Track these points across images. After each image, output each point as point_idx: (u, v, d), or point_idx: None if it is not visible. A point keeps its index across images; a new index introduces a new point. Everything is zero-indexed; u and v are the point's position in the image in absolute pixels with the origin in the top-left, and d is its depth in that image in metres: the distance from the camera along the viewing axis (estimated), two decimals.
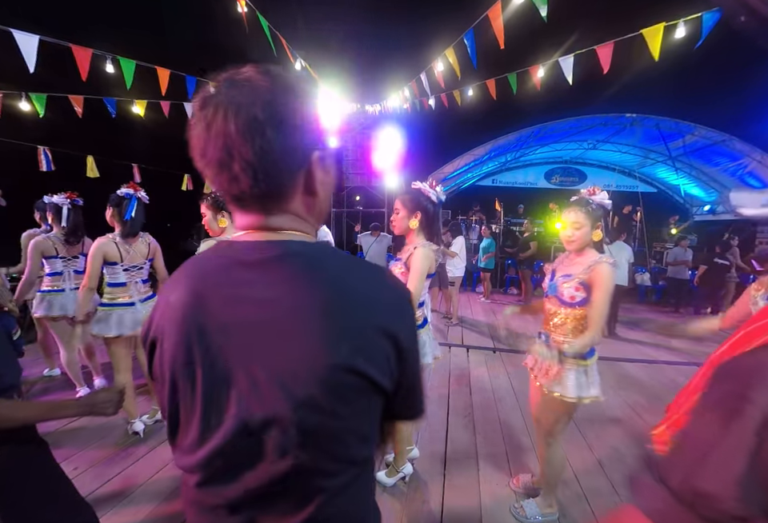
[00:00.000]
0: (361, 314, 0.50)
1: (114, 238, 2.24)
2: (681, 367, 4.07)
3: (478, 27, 3.31)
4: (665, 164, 10.42)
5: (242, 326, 0.49)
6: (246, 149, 0.46)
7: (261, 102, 0.46)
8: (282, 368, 0.48)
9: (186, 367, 0.51)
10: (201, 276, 0.54)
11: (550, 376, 1.62)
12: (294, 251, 0.52)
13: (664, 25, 3.16)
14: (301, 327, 0.48)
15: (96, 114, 4.39)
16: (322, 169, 0.53)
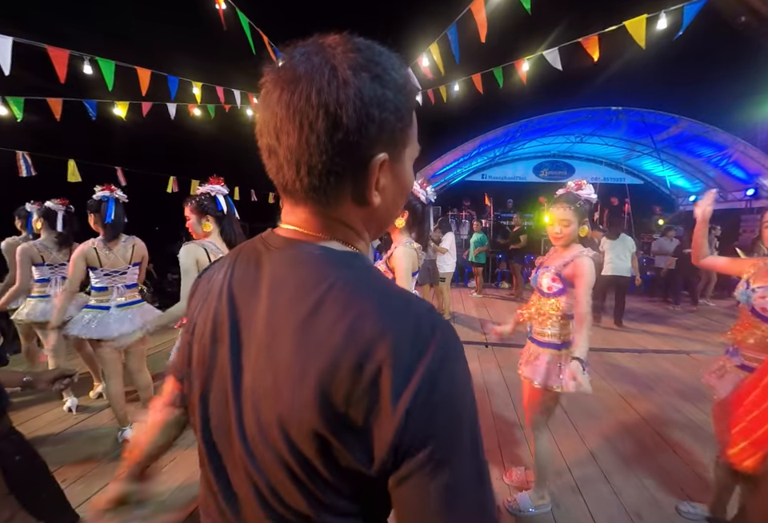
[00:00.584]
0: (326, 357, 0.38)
1: (94, 244, 2.21)
2: (669, 355, 4.14)
3: (461, 22, 3.30)
4: (650, 156, 10.54)
5: (244, 324, 0.46)
6: (293, 136, 0.39)
7: (322, 81, 0.38)
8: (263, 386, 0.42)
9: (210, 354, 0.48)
10: (232, 263, 0.51)
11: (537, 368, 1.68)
12: (307, 255, 0.45)
13: (646, 16, 3.18)
14: (275, 349, 0.41)
15: (76, 117, 4.29)
16: (388, 176, 0.44)
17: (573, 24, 7.16)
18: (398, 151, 0.44)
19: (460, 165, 10.95)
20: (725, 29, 6.60)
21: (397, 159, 0.44)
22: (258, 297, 0.45)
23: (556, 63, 3.63)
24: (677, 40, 3.33)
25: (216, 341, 0.48)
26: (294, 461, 0.39)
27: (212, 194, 1.94)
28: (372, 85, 0.38)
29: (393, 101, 0.40)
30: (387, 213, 0.49)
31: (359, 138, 0.39)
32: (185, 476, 2.07)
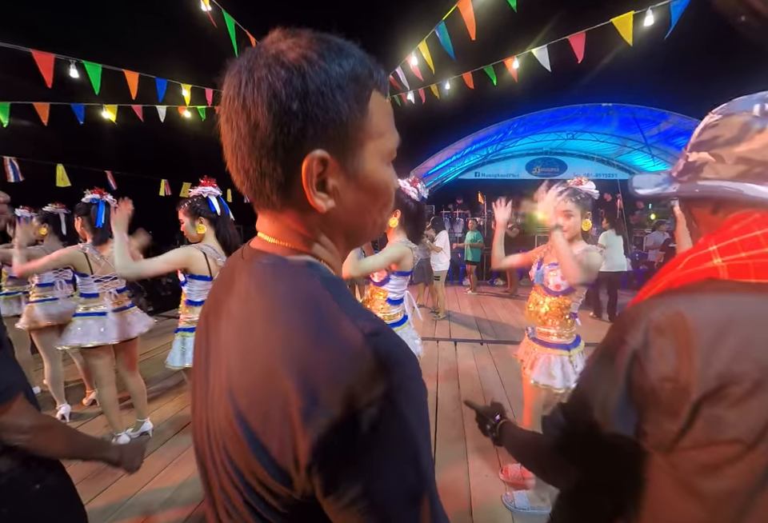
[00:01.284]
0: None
1: (84, 249, 2.18)
2: None
3: (450, 20, 3.30)
4: (641, 151, 10.63)
5: (216, 334, 0.46)
6: (228, 142, 0.39)
7: (240, 83, 0.37)
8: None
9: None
10: (221, 273, 0.52)
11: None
12: (258, 266, 0.43)
13: (633, 13, 3.20)
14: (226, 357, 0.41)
15: (64, 121, 4.25)
16: (340, 176, 0.39)
17: (561, 21, 7.20)
18: (348, 147, 0.39)
19: (453, 163, 10.98)
20: (713, 26, 6.66)
21: (348, 156, 0.39)
22: (226, 309, 0.44)
23: (545, 62, 3.65)
24: (664, 37, 3.36)
25: (198, 355, 0.49)
26: (236, 478, 0.39)
27: (204, 196, 1.92)
28: (291, 78, 0.35)
29: (319, 93, 0.35)
30: (352, 217, 0.43)
31: (281, 137, 0.36)
32: (186, 475, 2.07)
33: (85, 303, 2.26)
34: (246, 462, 0.37)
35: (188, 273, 1.85)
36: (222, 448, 0.39)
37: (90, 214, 2.20)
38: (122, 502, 1.90)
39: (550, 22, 5.12)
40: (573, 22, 3.65)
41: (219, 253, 1.94)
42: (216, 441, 0.40)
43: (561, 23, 4.18)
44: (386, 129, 0.43)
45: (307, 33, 0.39)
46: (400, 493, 0.34)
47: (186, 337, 1.90)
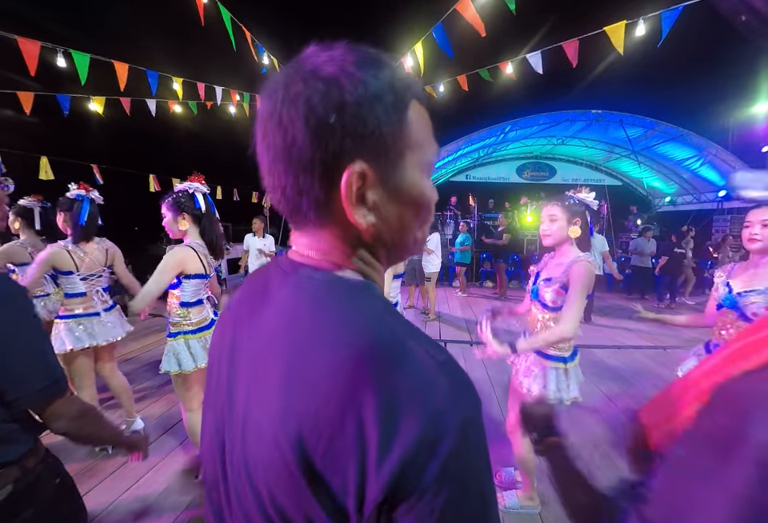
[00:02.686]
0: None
1: (67, 245, 2.10)
2: (646, 351, 4.27)
3: (447, 21, 3.32)
4: (628, 158, 10.85)
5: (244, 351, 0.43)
6: (265, 162, 0.39)
7: (276, 100, 0.37)
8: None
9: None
10: (245, 282, 0.51)
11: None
12: (309, 281, 0.41)
13: (625, 23, 3.27)
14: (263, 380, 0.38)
15: (49, 112, 4.12)
16: (379, 190, 0.38)
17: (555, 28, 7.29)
18: (388, 159, 0.38)
19: (445, 165, 11.03)
20: (702, 37, 6.86)
21: (388, 168, 0.38)
22: (263, 323, 0.41)
23: (538, 67, 3.70)
24: (654, 47, 3.43)
25: (217, 364, 0.47)
26: (275, 516, 0.35)
27: (190, 192, 1.85)
28: (328, 91, 0.35)
29: (357, 105, 0.35)
30: (394, 233, 0.42)
31: (319, 151, 0.35)
32: (171, 479, 2.01)
33: (70, 304, 2.16)
34: (297, 497, 0.33)
35: (183, 275, 1.78)
36: (252, 478, 0.36)
37: (73, 210, 2.11)
38: (104, 508, 1.84)
39: (544, 28, 5.20)
40: (566, 29, 3.71)
41: (206, 250, 1.89)
42: (243, 470, 0.37)
43: (554, 30, 4.25)
44: (425, 140, 0.42)
45: (342, 45, 0.39)
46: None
47: (189, 339, 1.83)
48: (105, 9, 7.89)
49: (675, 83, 12.34)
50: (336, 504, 0.32)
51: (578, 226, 1.60)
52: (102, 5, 7.91)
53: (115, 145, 8.93)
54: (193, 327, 1.85)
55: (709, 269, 7.32)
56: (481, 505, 0.32)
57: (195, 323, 1.86)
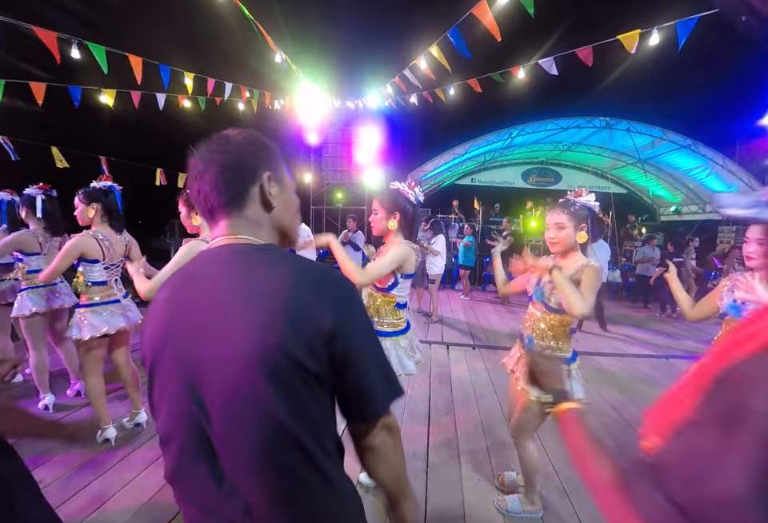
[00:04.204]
0: (278, 304, 0.55)
1: (96, 234, 2.12)
2: (649, 360, 4.26)
3: (462, 24, 3.33)
4: (634, 166, 10.85)
5: (196, 309, 0.60)
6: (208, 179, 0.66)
7: (213, 154, 0.67)
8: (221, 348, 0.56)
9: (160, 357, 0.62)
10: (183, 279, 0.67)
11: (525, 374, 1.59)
12: (239, 250, 0.64)
13: (639, 32, 3.27)
14: (234, 313, 0.57)
15: (61, 103, 4.13)
16: (273, 186, 0.68)
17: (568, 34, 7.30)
18: (273, 170, 0.69)
19: (450, 168, 11.03)
20: (716, 49, 6.86)
21: (275, 176, 0.69)
22: (207, 285, 0.61)
23: (552, 70, 3.71)
24: (665, 56, 3.44)
25: (161, 348, 0.64)
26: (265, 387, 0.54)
27: None
28: (235, 150, 0.67)
29: (250, 150, 0.68)
30: (283, 216, 0.72)
31: (244, 167, 0.67)
32: (134, 474, 2.01)
33: (97, 292, 2.19)
34: (290, 394, 0.54)
35: None
36: (244, 413, 0.55)
37: (105, 202, 2.17)
38: (101, 503, 1.84)
39: (557, 34, 5.21)
40: (580, 36, 3.71)
41: None
42: (236, 409, 0.55)
43: (568, 36, 4.26)
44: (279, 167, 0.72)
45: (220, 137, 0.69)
46: (376, 347, 0.64)
47: None
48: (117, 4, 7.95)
49: (685, 93, 12.34)
50: (311, 376, 0.55)
51: (584, 232, 1.62)
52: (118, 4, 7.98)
53: (122, 138, 8.95)
54: None
55: (712, 279, 7.30)
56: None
57: None
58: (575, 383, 1.66)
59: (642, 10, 3.44)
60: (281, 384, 0.53)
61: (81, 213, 2.15)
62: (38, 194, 2.58)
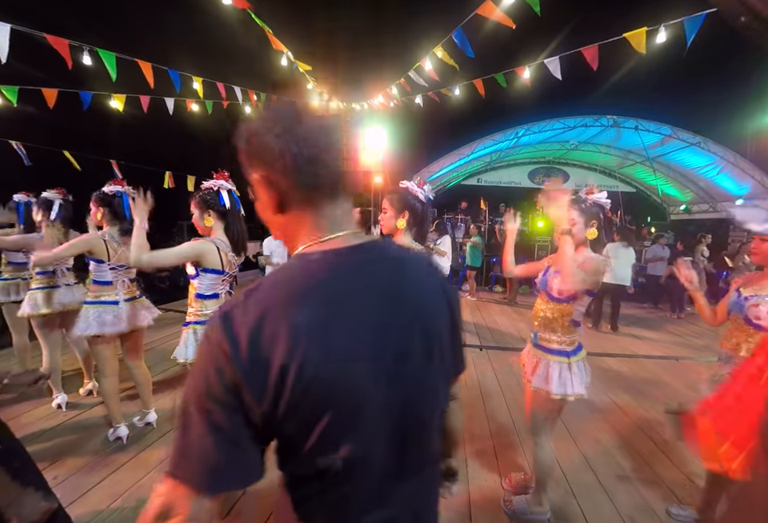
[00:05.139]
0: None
1: (104, 235, 2.18)
2: (658, 361, 4.20)
3: (467, 25, 3.33)
4: (643, 165, 10.71)
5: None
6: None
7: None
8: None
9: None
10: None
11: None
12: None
13: (646, 29, 3.24)
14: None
15: (73, 109, 4.22)
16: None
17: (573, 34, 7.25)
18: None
19: (456, 168, 11.00)
20: (721, 44, 6.76)
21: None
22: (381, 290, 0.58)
23: (556, 72, 3.68)
24: (673, 53, 3.40)
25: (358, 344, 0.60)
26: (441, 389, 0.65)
27: (215, 189, 1.91)
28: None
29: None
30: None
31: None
32: (144, 472, 2.03)
33: (97, 291, 2.24)
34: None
35: (200, 267, 1.83)
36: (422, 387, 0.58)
37: (113, 205, 2.21)
38: (113, 500, 1.87)
39: (562, 34, 5.18)
40: (585, 35, 3.69)
41: (230, 247, 1.93)
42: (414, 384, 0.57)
43: (573, 35, 4.24)
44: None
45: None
46: None
47: (197, 329, 1.88)
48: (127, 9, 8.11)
49: (695, 90, 12.16)
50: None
51: (594, 228, 1.64)
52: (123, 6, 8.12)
53: (132, 142, 9.09)
54: (204, 318, 1.89)
55: (724, 278, 7.18)
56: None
57: (208, 315, 1.89)
58: (576, 378, 1.65)
59: (648, 8, 3.41)
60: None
61: (93, 215, 2.23)
62: (57, 199, 2.65)
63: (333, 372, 0.49)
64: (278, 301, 0.50)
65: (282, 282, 0.53)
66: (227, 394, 0.48)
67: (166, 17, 8.41)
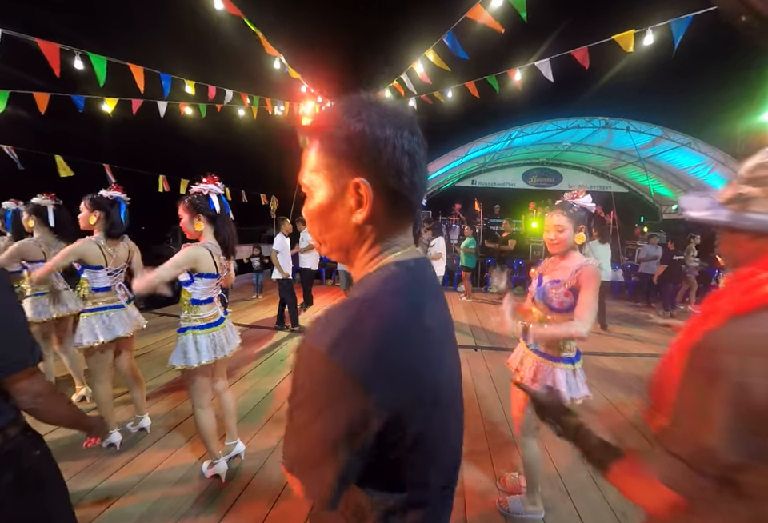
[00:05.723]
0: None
1: (98, 240, 2.16)
2: (651, 359, 4.24)
3: (457, 28, 3.35)
4: (635, 165, 10.83)
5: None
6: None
7: None
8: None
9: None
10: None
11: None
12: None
13: (634, 32, 3.29)
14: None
15: (64, 113, 4.20)
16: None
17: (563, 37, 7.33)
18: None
19: (451, 170, 11.05)
20: (713, 47, 6.87)
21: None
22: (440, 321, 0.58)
23: (548, 75, 3.72)
24: (662, 55, 3.44)
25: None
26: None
27: (205, 193, 1.90)
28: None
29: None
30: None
31: None
32: (177, 475, 2.03)
33: (97, 298, 2.21)
34: None
35: (195, 273, 1.83)
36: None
37: (109, 210, 2.20)
38: (111, 504, 1.86)
39: (552, 36, 5.24)
40: (574, 38, 3.73)
41: (220, 251, 1.93)
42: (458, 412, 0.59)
43: (562, 38, 4.29)
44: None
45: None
46: None
47: (197, 334, 1.87)
48: (118, 12, 8.08)
49: (684, 90, 12.33)
50: None
51: (582, 233, 1.66)
52: (115, 9, 8.11)
53: (124, 146, 9.04)
54: (201, 323, 1.89)
55: (716, 276, 7.27)
56: None
57: (204, 319, 1.89)
58: (579, 381, 1.68)
59: (635, 11, 3.46)
60: None
61: (83, 219, 2.18)
62: (49, 204, 2.62)
63: (447, 394, 0.52)
64: (406, 315, 0.46)
65: (399, 292, 0.48)
66: (366, 440, 0.42)
67: (159, 22, 8.42)
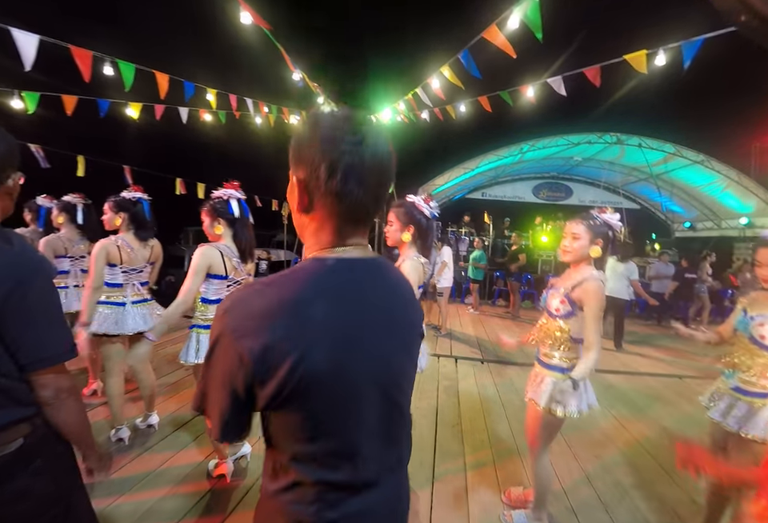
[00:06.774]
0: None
1: (117, 241, 2.23)
2: (661, 378, 4.17)
3: (473, 47, 3.44)
4: (647, 182, 10.79)
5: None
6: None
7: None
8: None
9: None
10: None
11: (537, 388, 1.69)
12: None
13: (646, 52, 3.34)
14: None
15: (90, 115, 4.37)
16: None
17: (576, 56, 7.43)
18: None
19: (461, 182, 11.12)
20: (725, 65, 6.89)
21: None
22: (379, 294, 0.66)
23: (560, 89, 3.78)
24: (673, 73, 3.48)
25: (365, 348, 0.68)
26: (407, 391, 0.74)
27: (225, 198, 1.98)
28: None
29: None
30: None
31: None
32: (184, 471, 2.04)
33: (109, 292, 2.28)
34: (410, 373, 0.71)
35: (208, 273, 1.88)
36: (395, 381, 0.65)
37: (134, 211, 2.27)
38: (114, 500, 1.87)
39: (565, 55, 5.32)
40: (587, 57, 3.80)
41: (235, 253, 1.97)
42: (387, 383, 0.63)
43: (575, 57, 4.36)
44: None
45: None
46: None
47: (200, 333, 1.92)
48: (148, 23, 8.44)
49: (697, 109, 12.32)
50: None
51: (599, 247, 1.62)
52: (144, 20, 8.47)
53: (145, 149, 9.29)
54: (206, 323, 1.93)
55: (729, 297, 7.14)
56: None
57: (209, 319, 1.93)
58: (570, 395, 1.60)
59: (648, 32, 3.52)
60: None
61: (108, 220, 2.26)
62: (79, 203, 2.75)
63: (335, 364, 0.56)
64: (294, 296, 0.54)
65: (299, 279, 0.57)
66: (244, 381, 0.54)
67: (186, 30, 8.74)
